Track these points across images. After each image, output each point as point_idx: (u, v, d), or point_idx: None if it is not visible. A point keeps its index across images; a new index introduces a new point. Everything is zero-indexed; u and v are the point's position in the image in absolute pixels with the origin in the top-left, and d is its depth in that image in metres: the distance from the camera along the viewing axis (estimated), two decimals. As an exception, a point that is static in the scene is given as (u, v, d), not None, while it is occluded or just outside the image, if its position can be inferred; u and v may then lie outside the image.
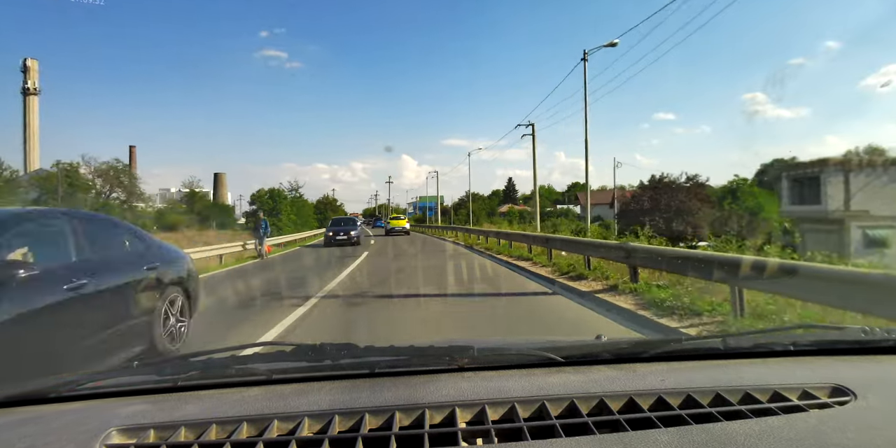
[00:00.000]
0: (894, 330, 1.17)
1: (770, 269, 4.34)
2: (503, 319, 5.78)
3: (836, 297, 3.84)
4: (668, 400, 0.90)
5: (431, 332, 5.09)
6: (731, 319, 4.72)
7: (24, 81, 55.79)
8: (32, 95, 56.65)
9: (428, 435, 0.81)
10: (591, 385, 0.98)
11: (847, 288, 3.74)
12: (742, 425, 0.79)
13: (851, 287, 3.71)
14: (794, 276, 4.14)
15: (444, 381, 1.02)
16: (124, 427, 0.85)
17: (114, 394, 1.05)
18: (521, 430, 0.82)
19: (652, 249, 6.91)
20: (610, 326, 5.22)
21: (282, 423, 0.86)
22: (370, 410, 0.88)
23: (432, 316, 5.96)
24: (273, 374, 1.05)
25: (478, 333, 5.17)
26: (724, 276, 4.98)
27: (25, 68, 55.88)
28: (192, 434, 0.84)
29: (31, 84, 56.27)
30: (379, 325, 5.37)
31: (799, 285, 4.12)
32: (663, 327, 4.96)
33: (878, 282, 3.50)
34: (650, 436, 0.76)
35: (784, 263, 4.42)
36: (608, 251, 8.11)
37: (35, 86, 56.53)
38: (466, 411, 0.89)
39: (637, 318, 5.47)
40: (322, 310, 6.33)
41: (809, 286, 4.05)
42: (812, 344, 1.17)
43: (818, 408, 0.87)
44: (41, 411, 0.98)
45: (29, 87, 56.13)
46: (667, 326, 4.94)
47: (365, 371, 1.07)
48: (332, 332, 5.21)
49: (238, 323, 5.59)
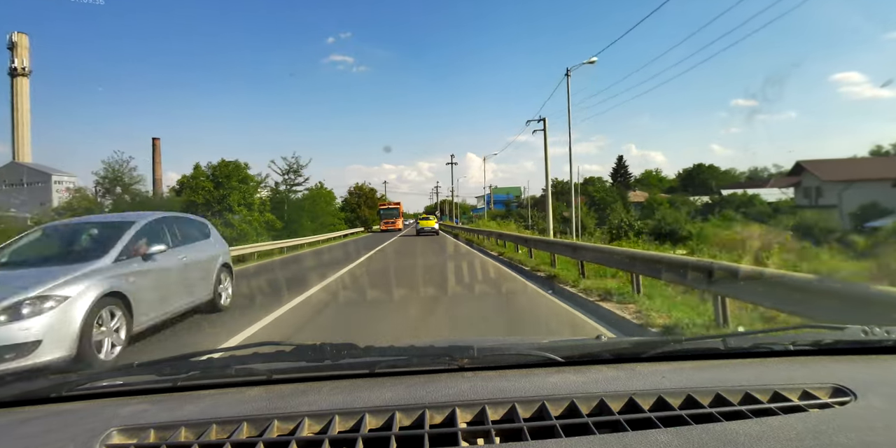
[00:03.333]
0: (894, 330, 1.17)
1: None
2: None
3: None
4: (668, 400, 0.90)
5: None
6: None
7: (11, 60, 48.02)
8: (21, 76, 49.17)
9: (428, 435, 0.81)
10: (591, 385, 0.98)
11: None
12: (742, 425, 0.79)
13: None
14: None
15: (444, 381, 1.02)
16: (124, 427, 0.85)
17: (114, 394, 1.05)
18: (521, 430, 0.82)
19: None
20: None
21: (282, 423, 0.86)
22: (370, 410, 0.88)
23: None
24: (273, 374, 1.05)
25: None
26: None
27: (12, 45, 47.99)
28: (193, 434, 0.84)
29: (20, 63, 48.72)
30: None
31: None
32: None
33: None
34: (650, 436, 0.76)
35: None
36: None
37: (24, 65, 49.06)
38: (466, 411, 0.89)
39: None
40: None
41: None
42: (812, 344, 1.17)
43: (818, 408, 0.87)
44: (41, 411, 0.98)
45: (16, 66, 48.52)
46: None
47: (365, 371, 1.07)
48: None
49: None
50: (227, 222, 24.30)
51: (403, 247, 21.46)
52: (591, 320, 5.69)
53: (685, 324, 4.82)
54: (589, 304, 6.39)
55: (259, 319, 5.92)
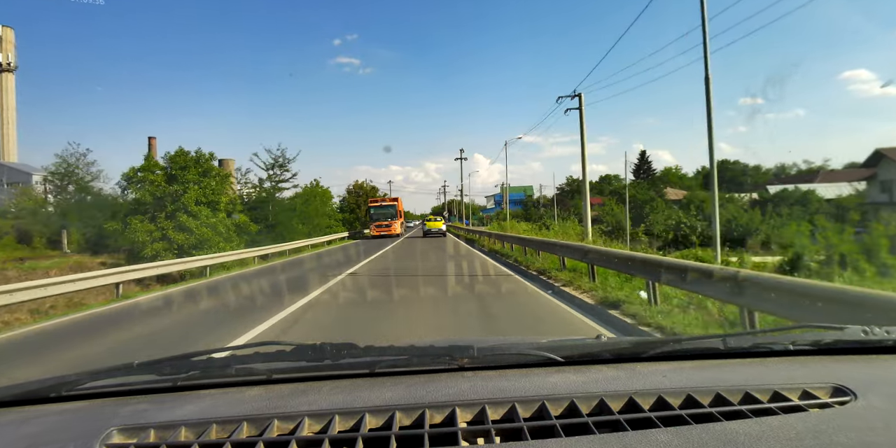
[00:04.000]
0: (894, 330, 1.17)
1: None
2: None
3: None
4: (668, 400, 0.90)
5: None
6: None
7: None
8: (6, 72, 46.09)
9: (428, 435, 0.81)
10: (591, 385, 0.98)
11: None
12: (742, 425, 0.79)
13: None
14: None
15: (444, 380, 1.02)
16: (124, 427, 0.85)
17: (114, 394, 1.05)
18: (521, 430, 0.82)
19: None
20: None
21: (282, 422, 0.86)
22: (370, 410, 0.88)
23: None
24: (273, 374, 1.05)
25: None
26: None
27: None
28: (192, 434, 0.84)
29: (4, 58, 45.72)
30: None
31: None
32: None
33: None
34: (650, 436, 0.76)
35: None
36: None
37: (10, 60, 46.08)
38: (466, 411, 0.89)
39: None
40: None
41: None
42: (812, 344, 1.17)
43: (818, 408, 0.87)
44: (41, 411, 0.98)
45: (1, 61, 45.62)
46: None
47: (365, 371, 1.07)
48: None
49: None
50: (182, 226, 19.75)
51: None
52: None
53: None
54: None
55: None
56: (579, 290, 7.81)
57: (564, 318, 6.12)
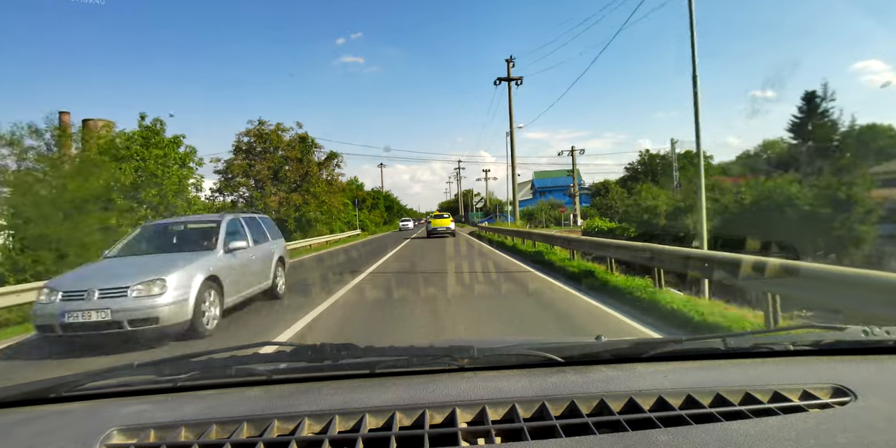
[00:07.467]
0: (894, 330, 1.17)
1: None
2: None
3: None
4: (668, 400, 0.90)
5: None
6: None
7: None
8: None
9: (428, 435, 0.81)
10: (591, 385, 0.98)
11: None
12: (742, 425, 0.79)
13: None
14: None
15: (444, 381, 1.02)
16: (124, 427, 0.85)
17: (114, 394, 1.05)
18: (521, 430, 0.82)
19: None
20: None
21: (282, 423, 0.86)
22: (370, 410, 0.88)
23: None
24: (273, 374, 1.05)
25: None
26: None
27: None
28: (193, 434, 0.84)
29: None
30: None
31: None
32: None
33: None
34: (650, 436, 0.76)
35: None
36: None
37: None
38: (466, 411, 0.89)
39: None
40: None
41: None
42: (812, 344, 1.17)
43: (818, 408, 0.87)
44: (41, 411, 0.98)
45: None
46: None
47: (365, 371, 1.07)
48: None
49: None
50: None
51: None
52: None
53: None
54: None
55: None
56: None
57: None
